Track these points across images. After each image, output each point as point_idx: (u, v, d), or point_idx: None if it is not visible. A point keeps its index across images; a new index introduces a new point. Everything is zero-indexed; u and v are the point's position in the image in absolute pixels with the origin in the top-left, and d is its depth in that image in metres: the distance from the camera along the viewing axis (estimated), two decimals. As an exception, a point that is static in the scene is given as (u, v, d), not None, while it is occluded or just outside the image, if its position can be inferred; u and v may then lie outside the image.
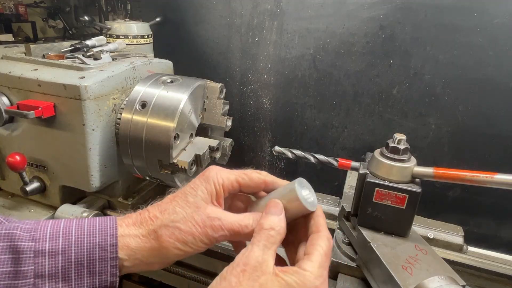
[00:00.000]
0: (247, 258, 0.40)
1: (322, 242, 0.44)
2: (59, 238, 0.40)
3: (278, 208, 0.45)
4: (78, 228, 0.42)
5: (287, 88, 1.24)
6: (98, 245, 0.41)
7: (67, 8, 2.03)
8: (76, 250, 0.40)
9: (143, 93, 0.92)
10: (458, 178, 0.63)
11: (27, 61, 0.99)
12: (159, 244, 0.44)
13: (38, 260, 0.38)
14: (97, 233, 0.42)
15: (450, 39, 1.01)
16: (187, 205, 0.46)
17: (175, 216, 0.45)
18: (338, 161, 0.79)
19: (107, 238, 0.42)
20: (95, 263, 0.40)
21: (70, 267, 0.39)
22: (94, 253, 0.41)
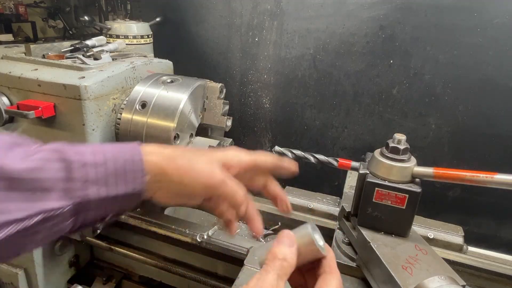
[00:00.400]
0: (263, 283, 0.41)
1: (335, 282, 0.46)
2: (99, 154, 0.49)
3: (291, 240, 0.46)
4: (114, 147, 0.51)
5: (287, 88, 1.24)
6: (129, 160, 0.50)
7: (67, 8, 2.03)
8: (113, 163, 0.49)
9: (143, 93, 0.92)
10: (458, 178, 0.63)
11: (27, 61, 0.99)
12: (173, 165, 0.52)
13: (84, 169, 0.47)
14: (128, 152, 0.51)
15: (450, 39, 1.01)
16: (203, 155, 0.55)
17: (192, 154, 0.55)
18: (338, 161, 0.79)
19: (135, 155, 0.51)
20: (127, 174, 0.50)
21: (109, 175, 0.48)
22: (127, 166, 0.50)
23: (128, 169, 0.50)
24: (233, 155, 0.57)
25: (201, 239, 0.89)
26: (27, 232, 0.43)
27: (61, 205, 0.45)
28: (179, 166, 0.53)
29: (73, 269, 1.12)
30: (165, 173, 0.52)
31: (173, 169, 0.52)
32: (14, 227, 0.41)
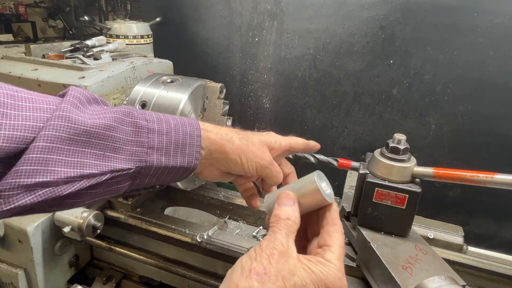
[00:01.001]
0: (274, 243, 0.42)
1: (339, 235, 0.47)
2: (163, 123, 0.51)
3: (291, 199, 0.48)
4: (175, 119, 0.53)
5: (287, 88, 1.24)
6: (189, 134, 0.52)
7: (67, 8, 2.04)
8: (175, 134, 0.51)
9: (143, 93, 0.92)
10: (458, 178, 0.63)
11: (27, 61, 0.99)
12: (229, 144, 0.55)
13: (150, 135, 0.49)
14: (188, 126, 0.53)
15: (450, 39, 1.01)
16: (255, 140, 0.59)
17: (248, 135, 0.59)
18: (338, 161, 0.79)
19: (194, 131, 0.53)
20: (186, 147, 0.52)
21: (170, 146, 0.51)
22: (186, 139, 0.52)
23: (187, 142, 0.52)
24: (275, 139, 0.62)
25: (201, 239, 0.89)
26: (95, 187, 0.45)
27: (128, 166, 0.46)
28: (237, 146, 0.55)
29: (73, 269, 1.12)
30: (224, 151, 0.55)
31: (231, 148, 0.55)
32: (87, 181, 0.43)
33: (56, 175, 0.41)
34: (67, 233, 0.96)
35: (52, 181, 0.41)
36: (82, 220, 0.96)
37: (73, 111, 0.43)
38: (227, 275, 0.41)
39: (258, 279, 0.38)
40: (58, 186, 0.42)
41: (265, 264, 0.40)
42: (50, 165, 0.41)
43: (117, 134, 0.46)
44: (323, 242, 0.46)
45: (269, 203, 0.50)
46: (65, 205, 0.45)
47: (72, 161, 0.42)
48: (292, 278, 0.40)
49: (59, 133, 0.41)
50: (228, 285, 0.39)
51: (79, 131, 0.43)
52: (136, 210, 1.10)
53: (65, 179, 0.42)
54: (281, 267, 0.40)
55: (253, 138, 0.59)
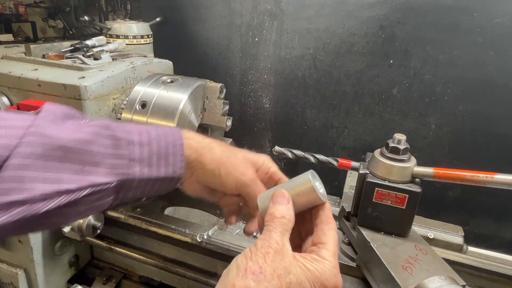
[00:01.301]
0: (269, 242, 0.42)
1: (333, 233, 0.47)
2: (143, 134, 0.50)
3: (285, 198, 0.48)
4: (156, 129, 0.52)
5: (287, 88, 1.24)
6: (171, 143, 0.51)
7: (67, 8, 2.04)
8: (157, 144, 0.50)
9: (143, 93, 0.92)
10: (458, 178, 0.63)
11: (27, 61, 0.99)
12: (210, 153, 0.54)
13: (130, 147, 0.48)
14: (170, 135, 0.52)
15: (450, 39, 1.01)
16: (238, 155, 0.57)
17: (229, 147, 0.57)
18: (338, 161, 0.79)
19: (177, 139, 0.52)
20: (169, 156, 0.51)
21: (153, 156, 0.49)
22: (169, 149, 0.51)
23: (170, 152, 0.51)
24: (264, 161, 0.59)
25: (201, 239, 0.89)
26: (74, 203, 0.43)
27: (109, 180, 0.45)
28: (216, 157, 0.54)
29: (73, 269, 1.12)
30: (202, 160, 0.54)
31: (210, 159, 0.54)
32: (65, 198, 0.42)
33: (31, 192, 0.40)
34: (67, 233, 0.96)
35: (27, 199, 0.40)
36: (82, 220, 0.96)
37: (48, 126, 0.43)
38: (223, 275, 0.41)
39: (254, 278, 0.38)
40: (34, 203, 0.40)
41: (260, 263, 0.40)
42: (25, 182, 0.40)
43: (96, 147, 0.45)
44: (318, 240, 0.46)
45: (262, 202, 0.50)
46: (46, 224, 0.44)
47: (49, 177, 0.41)
48: (287, 276, 0.40)
49: (34, 149, 0.41)
50: (224, 285, 0.39)
51: (55, 147, 0.42)
52: (136, 210, 1.10)
53: (42, 196, 0.40)
54: (276, 265, 0.40)
55: (238, 152, 0.57)
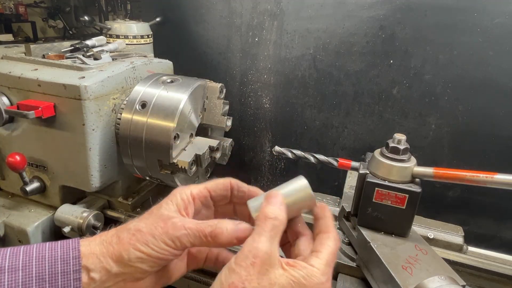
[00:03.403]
0: (256, 250, 0.40)
1: (331, 242, 0.46)
2: (19, 254, 0.39)
3: (279, 199, 0.46)
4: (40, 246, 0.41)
5: (287, 88, 1.24)
6: (60, 258, 0.40)
7: (67, 8, 2.04)
8: (37, 264, 0.39)
9: (143, 93, 0.92)
10: (458, 178, 0.63)
11: (27, 61, 0.99)
12: (120, 247, 0.43)
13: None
14: (59, 248, 0.41)
15: (450, 39, 1.01)
16: (151, 215, 0.46)
17: (137, 223, 0.45)
18: (338, 161, 0.79)
19: (70, 251, 0.41)
20: (57, 277, 0.39)
21: (31, 282, 0.38)
22: (56, 267, 0.40)
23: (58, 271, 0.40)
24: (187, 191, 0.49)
25: (201, 239, 0.89)
26: None
27: None
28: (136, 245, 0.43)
29: (73, 269, 1.13)
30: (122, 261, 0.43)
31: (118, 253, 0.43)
32: None
33: None
34: (67, 233, 0.96)
35: None
36: (82, 220, 0.96)
37: None
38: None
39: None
40: None
41: (244, 277, 0.38)
42: None
43: None
44: (314, 248, 0.45)
45: (254, 206, 0.49)
46: None
47: None
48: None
49: None
50: None
51: None
52: (136, 210, 1.10)
53: None
54: (261, 278, 0.39)
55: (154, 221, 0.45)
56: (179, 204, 0.48)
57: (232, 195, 0.53)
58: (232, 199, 0.54)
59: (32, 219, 1.01)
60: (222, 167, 1.13)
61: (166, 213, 0.46)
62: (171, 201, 0.48)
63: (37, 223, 1.00)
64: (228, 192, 0.53)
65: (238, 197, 0.53)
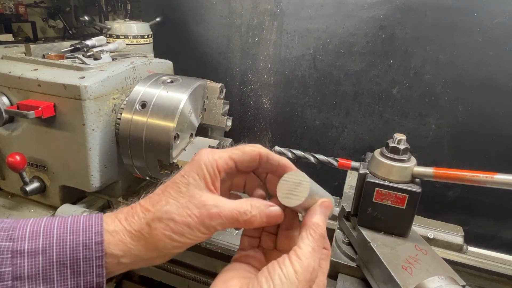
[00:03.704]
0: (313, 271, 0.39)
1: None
2: (39, 237, 0.37)
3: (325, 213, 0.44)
4: (61, 226, 0.39)
5: (287, 88, 1.24)
6: (82, 244, 0.38)
7: (67, 8, 2.04)
8: (58, 249, 0.37)
9: (143, 93, 0.92)
10: (458, 178, 0.63)
11: (27, 61, 0.99)
12: (154, 239, 0.41)
13: (16, 261, 0.36)
14: (81, 231, 0.39)
15: (450, 39, 1.01)
16: (180, 195, 0.42)
17: (168, 208, 0.42)
18: (338, 161, 0.79)
19: (92, 236, 0.39)
20: (79, 263, 0.38)
21: (52, 267, 0.37)
22: (78, 252, 0.38)
23: (80, 256, 0.38)
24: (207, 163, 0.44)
25: (201, 239, 0.89)
26: None
27: None
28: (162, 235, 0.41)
29: (73, 269, 1.13)
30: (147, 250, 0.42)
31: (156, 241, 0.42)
32: None
33: None
34: (67, 233, 0.96)
35: None
36: (82, 220, 0.96)
37: None
38: None
39: None
40: None
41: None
42: None
43: None
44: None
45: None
46: None
47: None
48: None
49: None
50: None
51: None
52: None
53: None
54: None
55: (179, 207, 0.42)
56: (207, 179, 0.43)
57: (259, 166, 0.48)
58: (257, 170, 0.49)
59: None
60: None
61: (197, 193, 0.42)
62: (197, 175, 0.43)
63: (37, 223, 1.00)
64: (256, 164, 0.47)
65: (265, 168, 0.49)
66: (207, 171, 0.44)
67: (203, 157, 0.44)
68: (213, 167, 0.44)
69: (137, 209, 0.43)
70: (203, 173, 0.44)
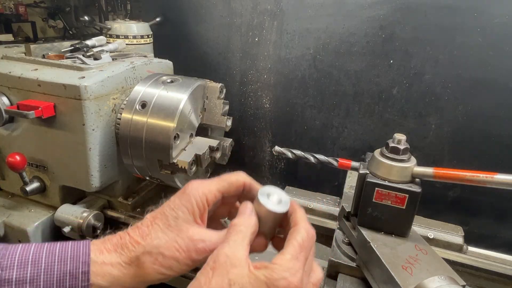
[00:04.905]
0: (216, 255, 0.40)
1: (298, 235, 0.44)
2: (27, 265, 0.39)
3: (247, 208, 0.46)
4: (49, 254, 0.41)
5: (287, 88, 1.24)
6: (69, 273, 0.40)
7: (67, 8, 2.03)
8: (45, 278, 0.39)
9: (143, 93, 0.92)
10: (458, 178, 0.63)
11: (27, 61, 0.99)
12: (142, 271, 0.44)
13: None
14: (69, 260, 0.41)
15: (450, 39, 1.01)
16: (169, 229, 0.45)
17: (157, 242, 0.44)
18: (338, 161, 0.79)
19: (79, 266, 0.41)
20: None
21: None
22: (65, 282, 0.39)
23: (66, 285, 0.40)
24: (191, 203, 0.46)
25: (201, 239, 0.89)
26: None
27: None
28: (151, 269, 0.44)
29: (73, 269, 1.13)
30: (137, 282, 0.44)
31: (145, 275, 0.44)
32: None
33: None
34: (67, 233, 0.96)
35: None
36: (82, 220, 0.96)
37: None
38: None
39: None
40: None
41: (202, 283, 0.39)
42: None
43: None
44: (284, 246, 0.43)
45: None
46: None
47: None
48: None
49: None
50: None
51: None
52: (136, 210, 1.10)
53: None
54: (221, 279, 0.38)
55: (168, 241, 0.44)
56: (196, 213, 0.46)
57: (242, 194, 0.51)
58: (240, 197, 0.53)
59: (32, 219, 1.01)
60: (222, 167, 1.13)
61: (185, 227, 0.45)
62: (187, 209, 0.46)
63: (37, 223, 1.00)
64: (240, 192, 0.51)
65: (247, 196, 0.51)
66: (196, 205, 0.46)
67: (193, 191, 0.47)
68: (202, 201, 0.46)
69: (126, 240, 0.45)
70: (192, 208, 0.46)
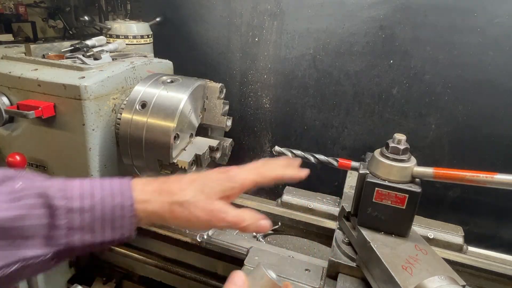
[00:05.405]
0: None
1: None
2: (86, 198, 0.48)
3: (240, 278, 0.49)
4: (103, 189, 0.50)
5: (287, 88, 1.24)
6: (119, 206, 0.49)
7: (67, 8, 2.04)
8: (101, 209, 0.48)
9: (143, 93, 0.92)
10: (458, 178, 0.63)
11: (27, 61, 1.00)
12: (170, 215, 0.53)
13: (69, 215, 0.46)
14: (118, 195, 0.50)
15: (450, 39, 1.01)
16: (202, 193, 0.54)
17: (190, 198, 0.53)
18: (338, 161, 0.79)
19: (126, 200, 0.50)
20: (116, 220, 0.49)
21: (96, 222, 0.48)
22: (115, 212, 0.49)
23: (117, 215, 0.49)
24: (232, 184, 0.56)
25: (201, 239, 0.89)
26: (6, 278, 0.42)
27: (42, 252, 0.44)
28: (178, 216, 0.53)
29: (73, 269, 1.13)
30: (165, 220, 0.54)
31: (172, 218, 0.53)
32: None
33: None
34: (67, 233, 0.96)
35: None
36: (82, 220, 0.96)
37: None
38: None
39: None
40: None
41: None
42: None
43: (28, 221, 0.43)
44: None
45: None
46: None
47: None
48: None
49: None
50: None
51: None
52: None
53: None
54: None
55: (199, 195, 0.54)
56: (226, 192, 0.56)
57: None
58: None
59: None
60: (222, 167, 1.14)
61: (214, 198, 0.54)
62: (222, 186, 0.56)
63: (37, 223, 1.00)
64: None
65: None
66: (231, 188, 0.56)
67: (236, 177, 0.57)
68: (238, 188, 0.57)
69: (165, 188, 0.54)
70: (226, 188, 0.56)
